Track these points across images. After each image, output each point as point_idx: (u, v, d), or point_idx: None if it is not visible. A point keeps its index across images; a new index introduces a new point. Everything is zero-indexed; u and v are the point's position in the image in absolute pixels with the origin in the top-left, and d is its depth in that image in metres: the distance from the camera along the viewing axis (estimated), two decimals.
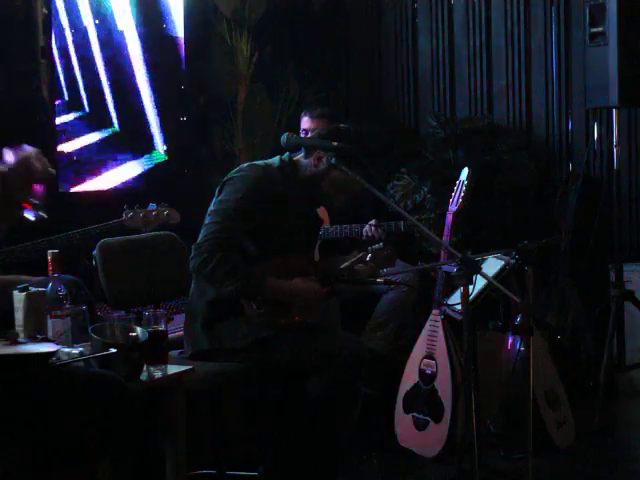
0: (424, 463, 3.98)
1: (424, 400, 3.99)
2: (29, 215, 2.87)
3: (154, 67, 5.00)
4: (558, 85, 5.57)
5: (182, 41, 5.13)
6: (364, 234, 4.52)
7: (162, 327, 3.06)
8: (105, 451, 2.74)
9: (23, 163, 2.78)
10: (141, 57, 4.93)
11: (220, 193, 3.38)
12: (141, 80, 4.97)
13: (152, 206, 3.90)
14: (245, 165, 3.46)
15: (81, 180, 4.66)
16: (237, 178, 3.38)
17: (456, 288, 3.88)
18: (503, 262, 3.79)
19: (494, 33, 5.74)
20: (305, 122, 4.79)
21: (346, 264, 3.48)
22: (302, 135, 4.72)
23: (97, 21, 4.69)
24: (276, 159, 3.49)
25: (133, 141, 4.94)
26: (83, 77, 4.64)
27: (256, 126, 5.52)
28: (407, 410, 4.06)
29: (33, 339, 2.70)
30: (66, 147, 4.56)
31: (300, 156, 3.48)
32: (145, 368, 2.96)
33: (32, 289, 2.90)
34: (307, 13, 5.83)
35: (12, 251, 3.53)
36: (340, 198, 3.49)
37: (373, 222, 4.52)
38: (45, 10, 4.39)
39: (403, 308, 4.70)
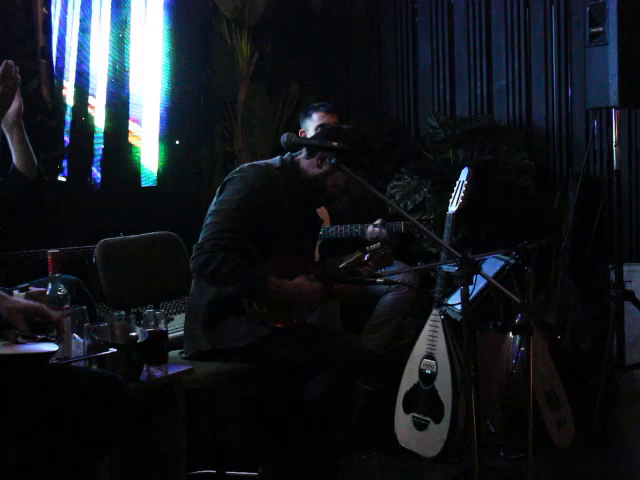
0: (424, 463, 3.98)
1: (424, 400, 3.99)
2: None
3: None
4: (558, 85, 5.57)
5: None
6: (368, 234, 4.51)
7: (162, 327, 3.06)
8: (105, 451, 2.74)
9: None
10: None
11: (221, 193, 3.38)
12: None
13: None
14: (246, 165, 3.45)
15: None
16: (238, 178, 3.37)
17: (456, 288, 3.88)
18: (503, 262, 3.79)
19: (494, 33, 5.74)
20: (321, 117, 4.72)
21: (343, 264, 3.49)
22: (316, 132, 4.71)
23: None
24: (277, 159, 3.49)
25: None
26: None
27: (256, 126, 5.52)
28: (407, 410, 4.06)
29: (33, 339, 2.70)
30: None
31: (302, 156, 3.48)
32: (145, 368, 2.96)
33: (32, 289, 2.90)
34: (307, 13, 5.83)
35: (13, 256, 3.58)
36: (342, 200, 3.49)
37: (378, 222, 4.51)
38: (45, 10, 4.39)
39: (403, 309, 4.70)
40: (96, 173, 4.76)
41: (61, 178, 4.54)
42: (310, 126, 4.76)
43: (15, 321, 2.66)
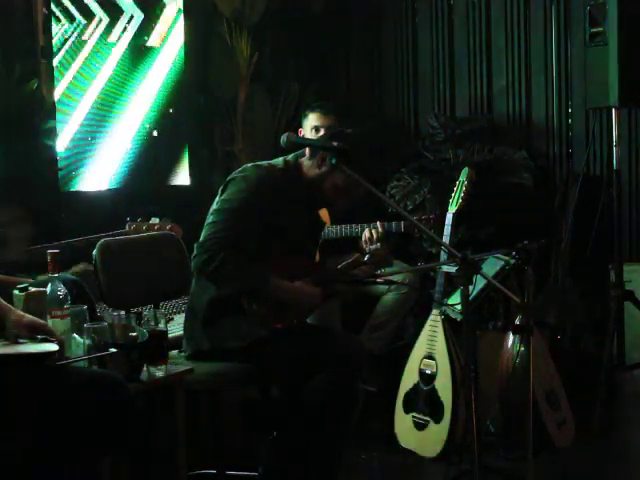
0: (424, 463, 3.98)
1: (424, 400, 3.99)
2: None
3: None
4: (558, 85, 5.57)
5: None
6: (364, 236, 4.50)
7: (162, 327, 3.06)
8: (105, 451, 2.74)
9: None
10: None
11: (223, 192, 3.38)
12: None
13: (155, 219, 3.93)
14: (249, 165, 3.45)
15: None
16: (240, 178, 3.37)
17: (456, 288, 3.88)
18: (503, 262, 3.79)
19: (494, 33, 5.74)
20: (317, 119, 4.74)
21: (343, 264, 3.49)
22: (313, 132, 4.71)
23: None
24: (280, 160, 3.48)
25: None
26: None
27: (256, 126, 5.52)
28: (407, 410, 4.06)
29: (33, 339, 2.70)
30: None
31: (305, 158, 3.47)
32: (145, 368, 2.96)
33: (32, 289, 2.90)
34: (307, 13, 5.83)
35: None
36: (341, 202, 3.49)
37: (377, 224, 4.51)
38: (45, 10, 4.39)
39: (403, 309, 4.71)
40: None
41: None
42: (306, 126, 4.77)
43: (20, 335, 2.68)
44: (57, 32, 4.47)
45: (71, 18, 4.55)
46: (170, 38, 5.11)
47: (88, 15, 4.65)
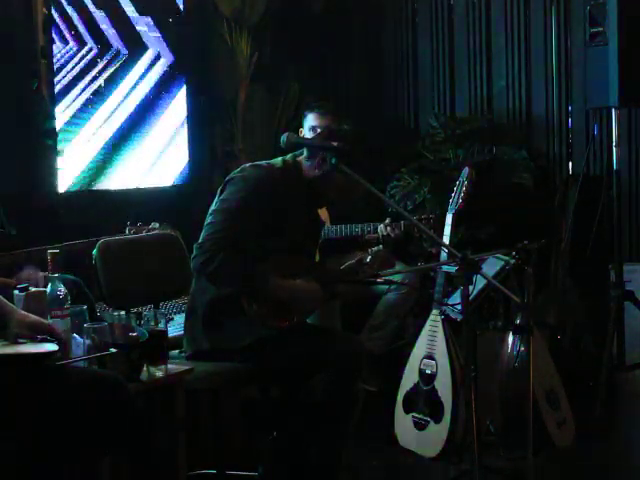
0: (424, 463, 3.98)
1: (424, 400, 3.99)
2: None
3: None
4: (558, 85, 5.57)
5: None
6: (380, 233, 4.50)
7: (162, 327, 3.06)
8: (105, 451, 2.74)
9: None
10: None
11: (222, 192, 3.38)
12: None
13: (155, 224, 3.94)
14: (248, 165, 3.45)
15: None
16: (239, 178, 3.37)
17: (456, 288, 3.88)
18: (503, 262, 3.79)
19: (494, 33, 5.75)
20: (315, 119, 4.74)
21: (345, 266, 3.48)
22: (311, 133, 4.71)
23: None
24: (279, 160, 3.48)
25: None
26: None
27: (256, 126, 5.52)
28: (407, 410, 4.05)
29: (33, 339, 2.70)
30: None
31: (303, 157, 3.47)
32: (145, 368, 2.96)
33: (32, 289, 2.90)
34: (307, 13, 5.83)
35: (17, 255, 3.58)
36: (341, 202, 3.49)
37: (387, 221, 4.51)
38: (45, 10, 4.40)
39: (402, 309, 4.71)
40: None
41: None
42: (305, 126, 4.77)
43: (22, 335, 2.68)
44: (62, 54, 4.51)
45: (82, 43, 4.58)
46: None
47: (103, 43, 4.68)
